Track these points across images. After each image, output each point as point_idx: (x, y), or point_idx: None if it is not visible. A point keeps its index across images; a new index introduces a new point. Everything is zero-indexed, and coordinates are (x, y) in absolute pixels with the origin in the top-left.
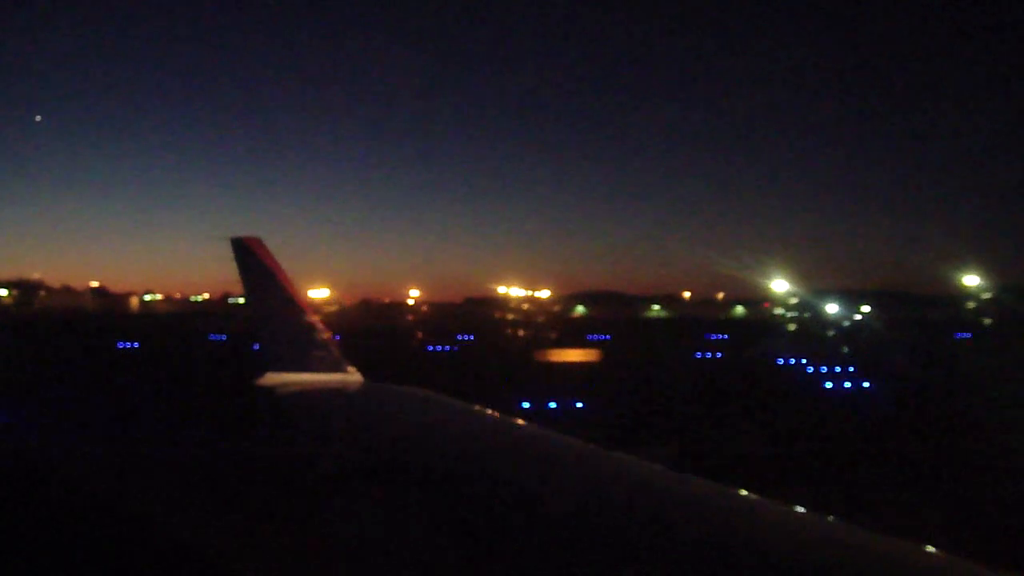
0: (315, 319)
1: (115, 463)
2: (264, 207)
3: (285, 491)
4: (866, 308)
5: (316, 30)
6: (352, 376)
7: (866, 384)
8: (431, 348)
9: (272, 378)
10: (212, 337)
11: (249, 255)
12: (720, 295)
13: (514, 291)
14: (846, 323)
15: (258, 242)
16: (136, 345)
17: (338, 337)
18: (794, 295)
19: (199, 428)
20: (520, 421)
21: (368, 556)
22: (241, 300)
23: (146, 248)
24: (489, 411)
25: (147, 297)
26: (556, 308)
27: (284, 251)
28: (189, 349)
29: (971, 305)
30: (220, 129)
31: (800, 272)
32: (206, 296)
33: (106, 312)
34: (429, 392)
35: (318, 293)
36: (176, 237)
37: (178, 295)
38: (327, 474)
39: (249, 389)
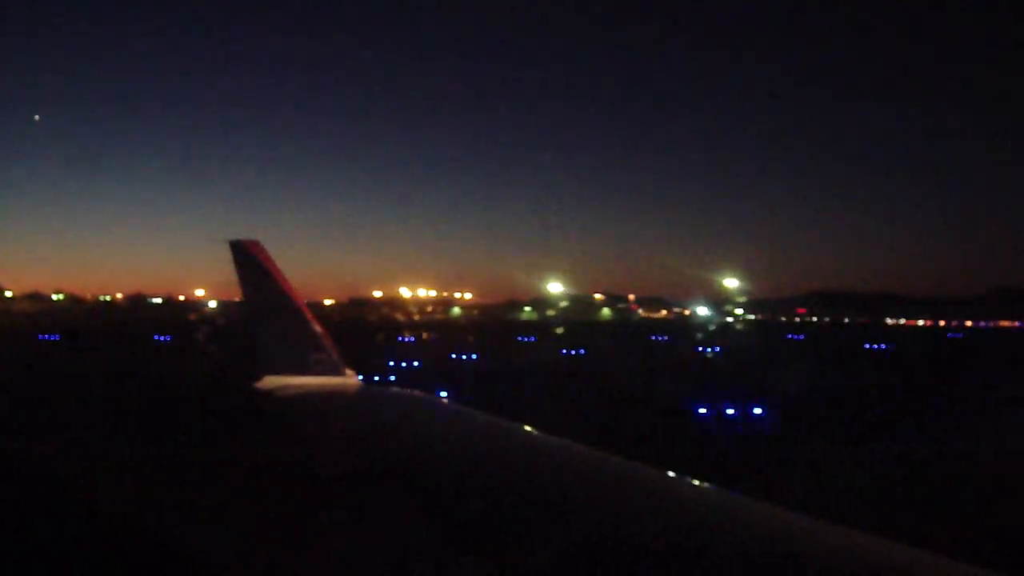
0: (314, 322)
1: (114, 466)
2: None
3: (283, 494)
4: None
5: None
6: (350, 379)
7: None
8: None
9: (270, 381)
10: (42, 337)
11: (247, 258)
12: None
13: (418, 293)
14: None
15: (257, 245)
16: None
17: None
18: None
19: (198, 430)
20: (516, 424)
21: (366, 558)
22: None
23: (146, 250)
24: (485, 414)
25: (54, 296)
26: (432, 310)
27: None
28: None
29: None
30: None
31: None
32: (119, 295)
33: None
34: (426, 395)
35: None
36: (173, 239)
37: (88, 295)
38: (325, 477)
39: (248, 392)
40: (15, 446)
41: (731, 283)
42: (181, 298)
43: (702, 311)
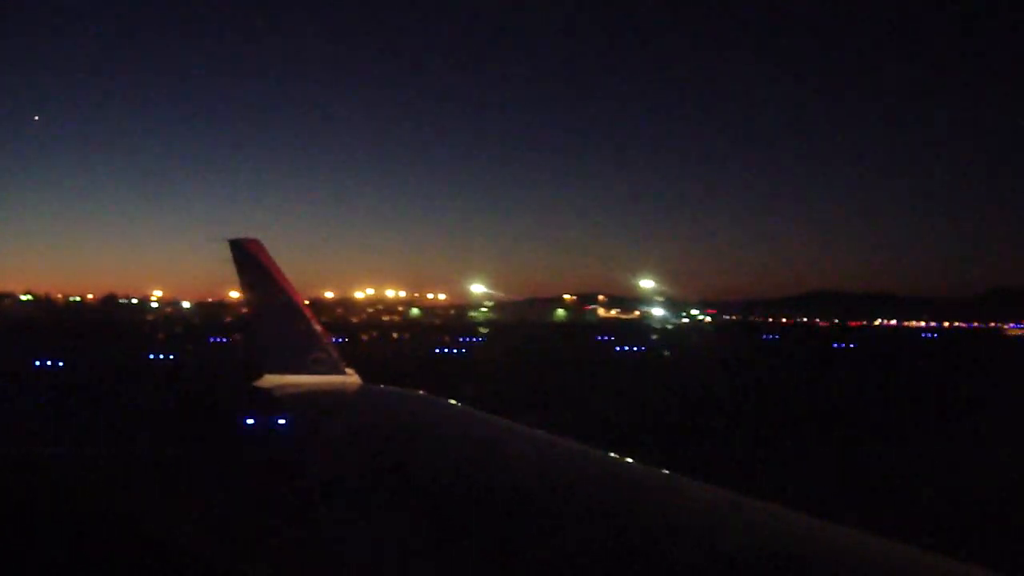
0: (314, 321)
1: (115, 465)
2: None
3: (283, 494)
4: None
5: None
6: (350, 378)
7: None
8: None
9: (270, 380)
10: None
11: (247, 257)
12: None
13: (385, 293)
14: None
15: (256, 244)
16: None
17: None
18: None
19: (198, 429)
20: (517, 423)
21: (366, 559)
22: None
23: (147, 250)
24: (486, 414)
25: (23, 297)
26: (380, 311)
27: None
28: None
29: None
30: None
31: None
32: (90, 296)
33: None
34: (427, 394)
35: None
36: (173, 239)
37: (60, 296)
38: (325, 476)
39: (248, 391)
40: (15, 447)
41: (647, 284)
42: (153, 301)
43: (656, 312)
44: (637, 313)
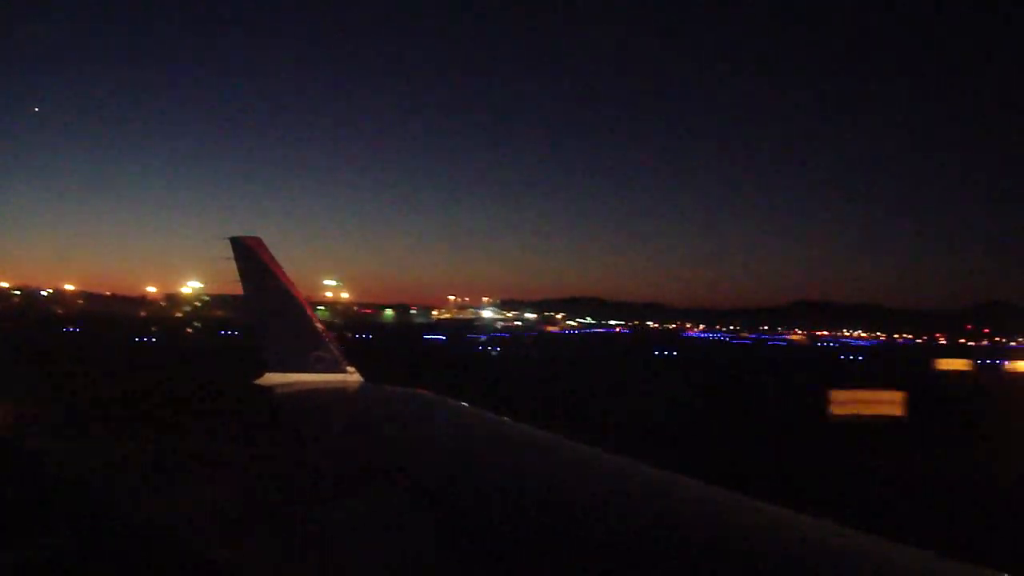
0: (315, 319)
1: (115, 462)
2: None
3: (283, 491)
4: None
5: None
6: (351, 376)
7: None
8: None
9: (271, 378)
10: None
11: (249, 255)
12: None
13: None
14: None
15: (258, 242)
16: None
17: None
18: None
19: (199, 428)
20: (517, 423)
21: (366, 557)
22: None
23: (148, 249)
24: (487, 413)
25: None
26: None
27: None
28: None
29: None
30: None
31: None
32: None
33: None
34: (428, 393)
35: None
36: (174, 237)
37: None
38: (325, 474)
39: (249, 389)
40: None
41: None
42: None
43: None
44: (470, 313)
